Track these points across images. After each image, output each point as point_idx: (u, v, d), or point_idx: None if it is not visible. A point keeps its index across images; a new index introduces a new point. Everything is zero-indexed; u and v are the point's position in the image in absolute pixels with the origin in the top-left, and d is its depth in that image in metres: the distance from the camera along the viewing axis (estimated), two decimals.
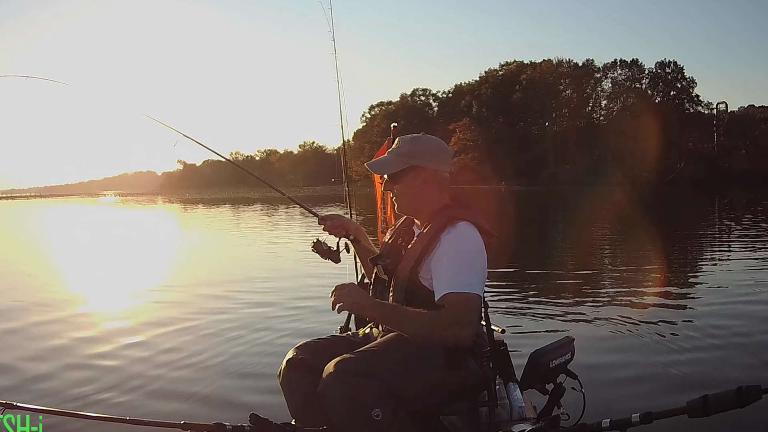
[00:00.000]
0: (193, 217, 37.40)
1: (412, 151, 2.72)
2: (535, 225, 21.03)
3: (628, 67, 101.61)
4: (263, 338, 6.50)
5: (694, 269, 11.07)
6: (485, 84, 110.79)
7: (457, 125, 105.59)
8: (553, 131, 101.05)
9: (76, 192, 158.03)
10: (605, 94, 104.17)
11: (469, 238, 2.55)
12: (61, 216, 44.66)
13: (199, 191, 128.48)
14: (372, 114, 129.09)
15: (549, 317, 7.08)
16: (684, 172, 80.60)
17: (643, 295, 8.18)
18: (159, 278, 11.91)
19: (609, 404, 3.98)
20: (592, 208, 28.34)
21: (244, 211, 38.74)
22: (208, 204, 56.00)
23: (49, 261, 15.46)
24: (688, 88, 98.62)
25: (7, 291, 10.21)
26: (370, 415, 2.26)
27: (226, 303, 8.51)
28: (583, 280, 9.55)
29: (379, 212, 4.76)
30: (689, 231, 18.34)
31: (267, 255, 14.84)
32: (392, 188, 2.75)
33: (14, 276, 12.29)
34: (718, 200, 37.49)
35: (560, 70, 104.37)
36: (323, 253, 3.08)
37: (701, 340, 5.80)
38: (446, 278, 2.47)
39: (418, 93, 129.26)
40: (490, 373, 2.65)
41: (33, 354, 6.04)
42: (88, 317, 7.86)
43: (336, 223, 3.10)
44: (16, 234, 28.84)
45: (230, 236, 21.36)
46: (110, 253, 17.52)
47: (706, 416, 2.05)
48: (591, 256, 13.14)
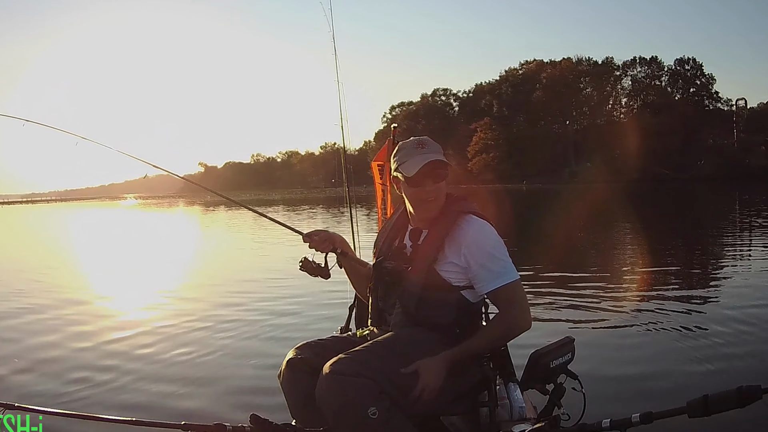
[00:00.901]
0: (213, 219, 37.58)
1: (440, 149, 2.75)
2: (540, 223, 20.84)
3: (647, 65, 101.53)
4: (263, 338, 6.52)
5: (702, 268, 10.80)
6: (505, 83, 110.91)
7: (478, 124, 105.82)
8: (573, 129, 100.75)
9: (97, 195, 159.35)
10: (625, 91, 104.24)
11: (487, 227, 2.65)
12: (77, 219, 45.05)
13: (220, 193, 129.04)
14: (393, 114, 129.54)
15: (549, 317, 7.05)
16: (704, 169, 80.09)
17: (645, 294, 8.06)
18: (164, 278, 12.03)
19: (609, 404, 3.94)
20: (607, 206, 28.23)
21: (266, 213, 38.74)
22: (229, 205, 56.26)
23: (54, 263, 15.54)
24: (707, 84, 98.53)
25: (9, 292, 10.34)
26: (367, 414, 2.25)
27: (226, 303, 8.54)
28: (584, 279, 9.42)
29: (379, 212, 4.76)
30: (704, 229, 18.03)
31: (274, 255, 14.77)
32: (440, 186, 2.70)
33: (18, 278, 12.38)
34: (738, 197, 37.09)
35: (580, 68, 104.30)
36: (312, 271, 3.07)
37: (702, 340, 5.73)
38: (490, 271, 2.58)
39: (439, 93, 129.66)
40: (490, 373, 2.65)
41: (33, 354, 6.08)
42: (88, 317, 7.88)
43: (322, 237, 3.06)
44: (33, 236, 29.19)
45: (246, 237, 21.41)
46: (120, 254, 17.72)
47: (706, 416, 2.04)
48: (595, 255, 13.05)
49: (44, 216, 54.11)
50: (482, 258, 2.57)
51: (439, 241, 2.62)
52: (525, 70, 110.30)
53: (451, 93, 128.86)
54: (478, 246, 2.58)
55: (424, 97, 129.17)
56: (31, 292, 10.22)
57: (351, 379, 2.29)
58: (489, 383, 2.60)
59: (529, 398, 2.82)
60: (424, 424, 2.59)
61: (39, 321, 7.73)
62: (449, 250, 2.60)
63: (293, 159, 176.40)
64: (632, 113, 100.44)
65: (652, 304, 7.41)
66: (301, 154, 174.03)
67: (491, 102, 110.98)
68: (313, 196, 75.81)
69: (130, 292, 10.39)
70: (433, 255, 2.61)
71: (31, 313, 8.19)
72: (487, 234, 2.62)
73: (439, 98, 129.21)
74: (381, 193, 4.67)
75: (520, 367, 2.62)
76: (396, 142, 4.05)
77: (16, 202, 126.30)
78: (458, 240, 2.59)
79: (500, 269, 2.58)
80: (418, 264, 2.64)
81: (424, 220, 2.74)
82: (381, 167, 4.63)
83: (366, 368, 2.32)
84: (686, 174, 78.52)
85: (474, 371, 2.59)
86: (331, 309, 7.21)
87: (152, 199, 78.16)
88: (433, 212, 2.70)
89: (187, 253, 17.63)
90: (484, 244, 2.59)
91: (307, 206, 46.89)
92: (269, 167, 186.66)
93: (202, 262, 15.23)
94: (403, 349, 2.48)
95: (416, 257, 2.67)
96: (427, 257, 2.62)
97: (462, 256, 2.58)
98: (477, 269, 2.58)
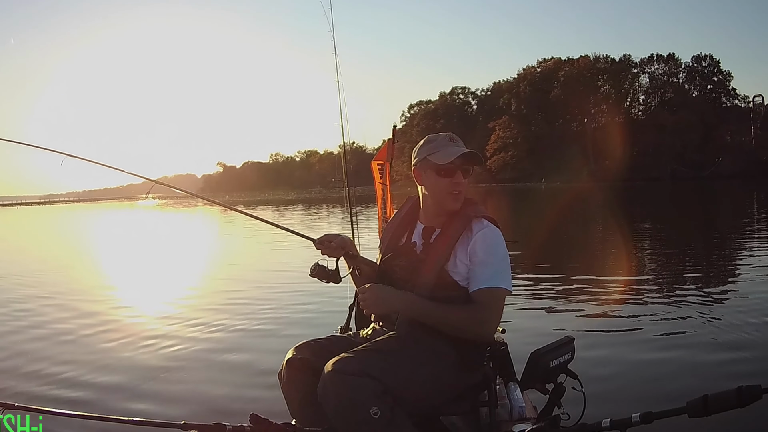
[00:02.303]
0: (230, 220, 37.65)
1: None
2: (553, 222, 20.76)
3: (664, 62, 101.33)
4: (263, 337, 6.55)
5: (707, 269, 10.57)
6: (523, 81, 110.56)
7: (497, 123, 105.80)
8: (592, 127, 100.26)
9: (115, 196, 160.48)
10: (643, 89, 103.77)
11: (497, 234, 2.66)
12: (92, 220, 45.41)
13: (240, 194, 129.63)
14: (411, 113, 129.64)
15: (550, 317, 7.04)
16: (722, 166, 79.52)
17: (646, 294, 8.01)
18: (164, 279, 12.16)
19: (609, 404, 3.90)
20: (621, 205, 28.03)
21: (284, 212, 38.90)
22: (249, 206, 56.47)
23: (55, 264, 15.63)
24: (724, 81, 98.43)
25: (9, 291, 10.51)
26: (369, 414, 2.24)
27: (226, 302, 8.58)
28: (585, 279, 9.36)
29: (379, 212, 4.75)
30: (717, 230, 17.75)
31: (283, 256, 14.72)
32: (467, 181, 2.74)
33: (20, 278, 12.51)
34: (756, 194, 36.74)
35: (598, 65, 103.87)
36: (325, 277, 3.02)
37: (703, 340, 5.69)
38: (484, 272, 2.57)
39: (457, 91, 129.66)
40: (490, 373, 2.65)
41: (33, 354, 6.13)
42: (89, 318, 7.91)
43: (336, 243, 3.01)
44: (43, 238, 29.49)
45: (259, 237, 21.42)
46: (128, 256, 17.81)
47: (706, 416, 2.04)
48: (600, 255, 12.93)
49: (61, 216, 54.67)
50: (482, 259, 2.58)
51: (452, 241, 2.63)
52: (543, 68, 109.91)
53: (470, 91, 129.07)
54: (483, 249, 2.59)
55: (443, 96, 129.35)
56: (31, 292, 10.35)
57: (354, 378, 2.28)
58: (489, 383, 2.60)
59: (529, 398, 2.83)
60: (424, 424, 2.57)
61: (39, 321, 7.81)
62: (460, 250, 2.61)
63: (312, 158, 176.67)
64: (650, 111, 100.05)
65: (653, 304, 7.38)
66: (320, 153, 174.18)
67: (509, 100, 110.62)
68: (334, 195, 75.97)
69: (131, 293, 10.47)
70: (445, 254, 2.62)
71: (32, 314, 8.28)
72: (495, 240, 2.64)
73: (457, 97, 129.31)
74: (381, 192, 4.67)
75: (520, 367, 2.61)
76: (395, 142, 4.06)
77: (34, 203, 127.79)
78: (469, 241, 2.61)
79: (492, 273, 2.58)
80: (430, 263, 2.64)
81: (441, 216, 2.74)
82: (381, 167, 4.62)
83: (369, 368, 2.32)
84: (705, 172, 78.03)
85: (474, 371, 2.59)
86: (331, 308, 7.25)
87: (171, 200, 78.63)
88: (456, 206, 2.71)
89: (194, 254, 17.73)
90: (488, 247, 2.60)
91: (326, 205, 46.99)
92: (288, 166, 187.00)
93: (207, 262, 15.34)
94: (407, 349, 2.48)
95: (428, 256, 2.67)
96: (440, 257, 2.62)
97: (468, 257, 2.60)
98: (474, 268, 2.59)
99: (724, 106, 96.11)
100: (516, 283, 8.83)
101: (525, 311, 7.23)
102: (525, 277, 9.50)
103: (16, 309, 8.76)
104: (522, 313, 7.11)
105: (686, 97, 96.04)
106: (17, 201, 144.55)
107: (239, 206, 5.47)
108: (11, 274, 13.30)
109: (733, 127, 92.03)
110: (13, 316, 8.22)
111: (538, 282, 9.12)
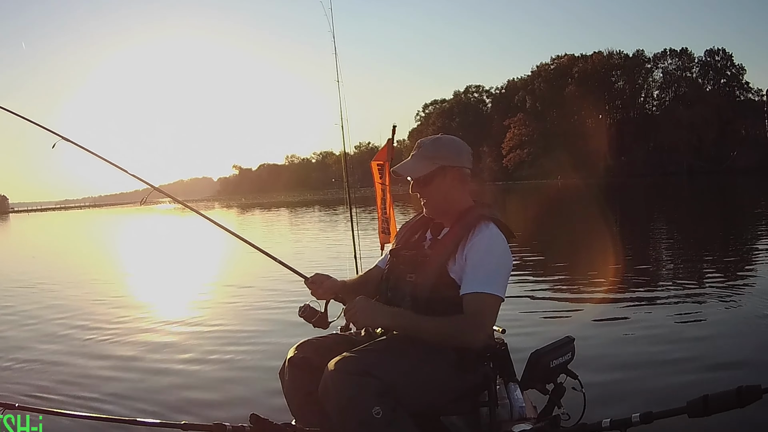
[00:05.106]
0: (247, 221, 37.76)
1: (437, 152, 2.73)
2: (564, 220, 20.67)
3: (678, 57, 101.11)
4: (263, 336, 6.55)
5: (710, 269, 10.29)
6: (538, 78, 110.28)
7: (512, 121, 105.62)
8: (607, 123, 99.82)
9: (131, 200, 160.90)
10: (657, 84, 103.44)
11: (498, 238, 2.62)
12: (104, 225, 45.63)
13: (256, 196, 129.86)
14: (426, 112, 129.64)
15: (550, 317, 7.00)
16: (737, 160, 78.99)
17: (646, 294, 7.96)
18: (166, 280, 12.29)
19: (609, 404, 3.89)
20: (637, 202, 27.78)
21: (301, 215, 38.87)
22: (266, 208, 56.59)
23: (57, 266, 15.84)
24: (737, 75, 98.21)
25: (9, 293, 10.63)
26: (371, 414, 2.24)
27: (226, 302, 8.63)
28: (585, 278, 9.25)
29: (379, 212, 4.74)
30: (730, 229, 17.55)
31: (284, 257, 14.65)
32: (423, 191, 2.76)
33: (23, 279, 12.62)
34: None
35: (611, 61, 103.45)
36: (312, 320, 3.08)
37: (703, 340, 5.64)
38: (476, 276, 2.52)
39: (472, 90, 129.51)
40: (490, 373, 2.62)
41: (33, 355, 6.17)
42: (90, 319, 7.95)
43: (325, 288, 3.09)
44: (51, 242, 29.71)
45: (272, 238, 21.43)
46: (134, 258, 17.99)
47: (706, 416, 2.05)
48: (604, 255, 12.81)
49: (75, 222, 54.93)
50: (475, 262, 2.55)
51: (458, 239, 2.62)
52: (557, 65, 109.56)
53: (484, 89, 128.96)
54: (479, 251, 2.56)
55: (457, 95, 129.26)
56: (31, 292, 10.51)
57: (356, 377, 2.28)
58: (489, 383, 2.57)
59: (529, 398, 2.81)
60: (424, 424, 2.55)
61: (39, 322, 7.87)
62: (461, 249, 2.59)
63: (328, 159, 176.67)
64: (664, 106, 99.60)
65: (653, 304, 7.34)
66: (335, 154, 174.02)
67: (524, 97, 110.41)
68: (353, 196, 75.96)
69: (132, 294, 10.54)
70: (449, 251, 2.60)
71: (32, 316, 8.33)
72: (495, 243, 2.60)
73: (471, 95, 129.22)
74: (381, 192, 4.65)
75: (521, 367, 2.61)
76: (395, 142, 4.05)
77: (50, 209, 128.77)
78: (470, 241, 2.59)
79: (485, 277, 2.52)
80: (434, 257, 2.63)
81: (449, 214, 2.75)
82: (381, 167, 4.61)
83: (371, 367, 2.31)
84: (721, 165, 77.54)
85: (474, 371, 2.56)
86: (331, 307, 7.19)
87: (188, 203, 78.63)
88: (431, 213, 2.79)
89: (201, 256, 17.70)
90: (485, 250, 2.56)
91: (341, 207, 47.02)
92: (305, 168, 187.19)
93: (210, 262, 15.45)
94: (408, 349, 2.47)
95: (433, 251, 2.67)
96: (444, 252, 2.62)
97: (465, 257, 2.58)
98: (467, 269, 2.56)
99: (738, 100, 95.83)
100: (517, 282, 8.82)
101: (525, 311, 7.18)
102: (525, 276, 9.47)
103: (16, 309, 8.86)
104: (522, 313, 7.06)
105: (700, 91, 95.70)
106: (33, 207, 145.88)
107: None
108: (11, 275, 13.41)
109: (748, 120, 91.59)
110: (13, 316, 8.32)
111: (539, 281, 9.13)
